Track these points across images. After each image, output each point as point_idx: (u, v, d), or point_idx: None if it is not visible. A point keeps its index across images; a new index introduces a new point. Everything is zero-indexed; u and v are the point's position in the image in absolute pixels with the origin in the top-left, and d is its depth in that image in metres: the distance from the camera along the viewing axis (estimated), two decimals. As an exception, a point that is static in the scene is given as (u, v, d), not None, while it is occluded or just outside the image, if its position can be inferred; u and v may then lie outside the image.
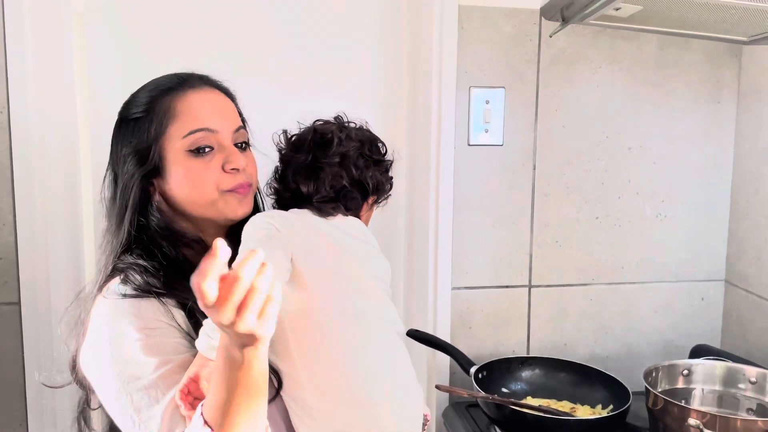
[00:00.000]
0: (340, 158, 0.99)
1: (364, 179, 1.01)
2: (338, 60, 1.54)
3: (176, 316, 0.88)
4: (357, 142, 1.02)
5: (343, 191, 1.00)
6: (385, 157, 1.06)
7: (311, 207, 0.99)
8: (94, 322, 0.89)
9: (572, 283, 1.60)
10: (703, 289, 1.65)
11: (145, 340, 0.85)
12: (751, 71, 1.55)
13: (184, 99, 0.95)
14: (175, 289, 0.90)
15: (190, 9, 1.46)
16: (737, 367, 1.33)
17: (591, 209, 1.58)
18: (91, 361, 0.89)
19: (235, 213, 0.97)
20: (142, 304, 0.88)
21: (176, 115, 0.94)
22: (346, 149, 1.00)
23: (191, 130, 0.93)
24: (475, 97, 1.49)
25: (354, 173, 1.00)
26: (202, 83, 0.99)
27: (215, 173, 0.94)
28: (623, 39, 1.53)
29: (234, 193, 0.96)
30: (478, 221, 1.54)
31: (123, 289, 0.89)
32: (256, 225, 0.91)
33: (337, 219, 1.00)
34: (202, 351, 0.81)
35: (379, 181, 1.04)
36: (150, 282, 0.90)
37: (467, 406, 1.44)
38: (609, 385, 1.39)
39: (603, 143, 1.56)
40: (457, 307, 1.55)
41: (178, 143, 0.93)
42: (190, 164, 0.94)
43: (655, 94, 1.57)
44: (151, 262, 0.92)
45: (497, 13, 1.48)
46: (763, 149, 1.50)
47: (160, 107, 0.95)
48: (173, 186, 0.95)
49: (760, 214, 1.51)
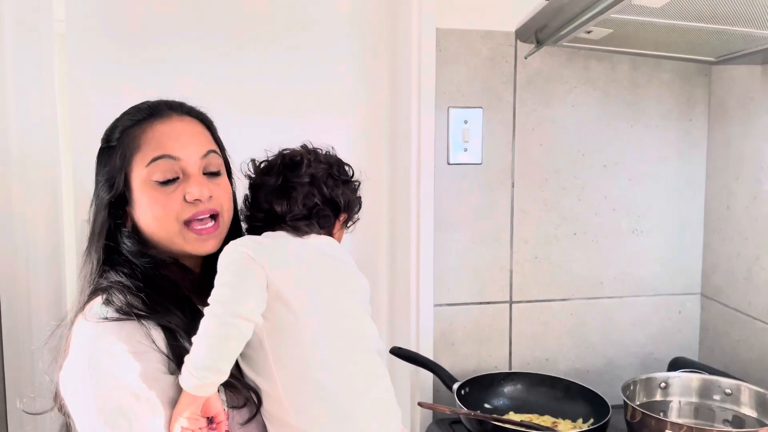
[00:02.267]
0: (310, 178, 1.02)
1: (336, 197, 1.04)
2: (318, 83, 1.57)
3: (156, 339, 0.88)
4: (325, 164, 1.05)
5: (315, 209, 1.02)
6: (353, 178, 1.10)
7: (285, 227, 1.01)
8: (75, 344, 0.89)
9: (552, 299, 1.62)
10: (680, 303, 1.68)
11: (124, 365, 0.85)
12: (719, 90, 1.60)
13: (150, 129, 0.95)
14: (156, 311, 0.91)
15: (170, 32, 1.48)
16: (713, 379, 1.36)
17: (569, 226, 1.61)
18: (69, 384, 0.88)
19: (197, 250, 0.96)
20: (124, 326, 0.88)
21: (140, 145, 0.94)
22: (315, 170, 1.03)
23: (153, 158, 0.93)
24: (453, 117, 1.52)
25: (325, 191, 1.03)
26: (172, 111, 0.98)
27: (176, 203, 0.93)
28: (597, 59, 1.58)
29: (192, 230, 0.94)
30: (459, 239, 1.56)
31: (105, 311, 0.89)
32: (229, 256, 0.91)
33: (312, 238, 1.01)
34: (189, 390, 0.82)
35: (350, 199, 1.07)
36: (132, 303, 0.90)
37: (451, 423, 1.45)
38: (589, 398, 1.42)
39: (579, 161, 1.60)
40: (439, 324, 1.56)
41: (143, 172, 0.93)
42: (152, 193, 0.93)
43: (628, 113, 1.61)
44: (134, 282, 0.93)
45: (474, 36, 1.51)
46: (734, 165, 1.55)
47: (127, 138, 0.95)
48: (139, 215, 0.95)
49: (733, 228, 1.55)
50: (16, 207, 1.35)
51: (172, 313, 0.91)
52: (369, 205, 1.61)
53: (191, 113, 1.01)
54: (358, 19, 1.59)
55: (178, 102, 1.01)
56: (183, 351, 0.88)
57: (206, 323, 0.86)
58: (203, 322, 0.86)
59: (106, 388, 0.84)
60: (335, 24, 1.58)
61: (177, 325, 0.91)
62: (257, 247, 0.92)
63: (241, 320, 0.86)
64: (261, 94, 1.54)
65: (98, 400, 0.84)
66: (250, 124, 1.46)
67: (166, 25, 1.48)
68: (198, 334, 0.86)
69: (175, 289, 0.96)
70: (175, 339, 0.89)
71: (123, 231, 0.96)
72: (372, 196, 1.62)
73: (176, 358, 0.88)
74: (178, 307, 0.93)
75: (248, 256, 0.90)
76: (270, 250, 0.94)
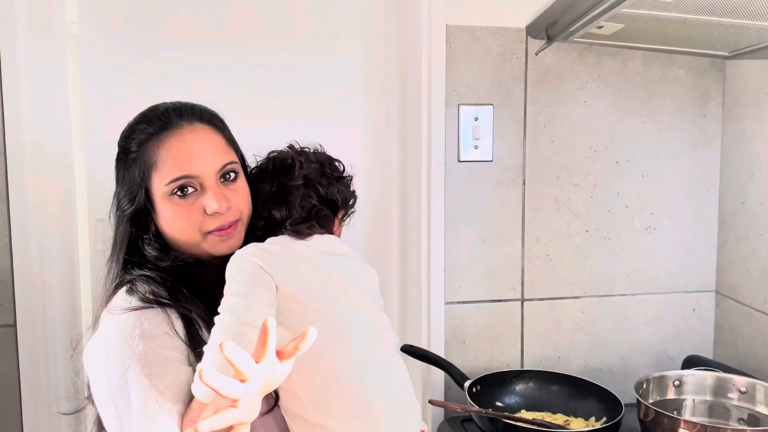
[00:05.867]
0: (304, 180, 1.03)
1: (332, 195, 1.05)
2: (328, 82, 1.57)
3: (176, 326, 0.91)
4: (317, 163, 1.05)
5: (314, 210, 1.03)
6: (344, 173, 1.10)
7: (287, 231, 1.01)
8: (100, 333, 0.92)
9: (564, 296, 1.61)
10: (694, 300, 1.66)
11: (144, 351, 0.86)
12: (734, 85, 1.58)
13: (165, 145, 0.96)
14: (179, 300, 0.93)
15: (180, 33, 1.49)
16: (727, 377, 1.34)
17: (581, 223, 1.60)
18: (92, 372, 0.90)
19: (218, 251, 0.99)
20: (146, 313, 0.90)
21: (156, 162, 0.96)
22: (307, 171, 1.03)
23: (171, 179, 0.95)
24: (464, 114, 1.52)
25: (321, 191, 1.03)
26: (182, 121, 0.98)
27: (197, 216, 0.96)
28: (608, 55, 1.56)
29: (214, 235, 0.97)
30: (470, 236, 1.55)
31: (128, 300, 0.92)
32: (237, 266, 0.92)
33: (315, 239, 1.02)
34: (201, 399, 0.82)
35: (345, 195, 1.07)
36: (155, 291, 0.93)
37: (462, 421, 1.45)
38: (602, 397, 1.40)
39: (591, 158, 1.59)
40: (450, 321, 1.56)
41: (161, 189, 0.96)
42: (174, 207, 0.97)
43: (641, 109, 1.59)
44: (158, 273, 0.96)
45: (484, 32, 1.51)
46: (749, 161, 1.53)
47: (144, 154, 0.97)
48: (162, 224, 0.99)
49: (747, 225, 1.54)
50: (31, 205, 1.36)
51: (194, 303, 0.94)
52: (379, 203, 1.62)
53: (202, 118, 1.00)
54: (369, 16, 1.59)
55: (188, 107, 1.00)
56: (202, 342, 0.90)
57: (217, 332, 0.86)
58: (214, 332, 0.86)
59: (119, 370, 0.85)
60: (345, 22, 1.58)
61: (198, 315, 0.93)
62: (264, 256, 0.93)
63: (253, 329, 0.85)
64: (271, 94, 1.54)
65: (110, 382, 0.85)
66: (259, 124, 1.46)
67: (177, 25, 1.49)
68: (209, 344, 0.86)
69: (196, 283, 0.99)
70: (195, 330, 0.91)
71: (145, 239, 0.99)
72: (382, 193, 1.63)
73: (194, 349, 0.90)
74: (199, 298, 0.96)
75: (256, 265, 0.91)
76: (277, 256, 0.95)
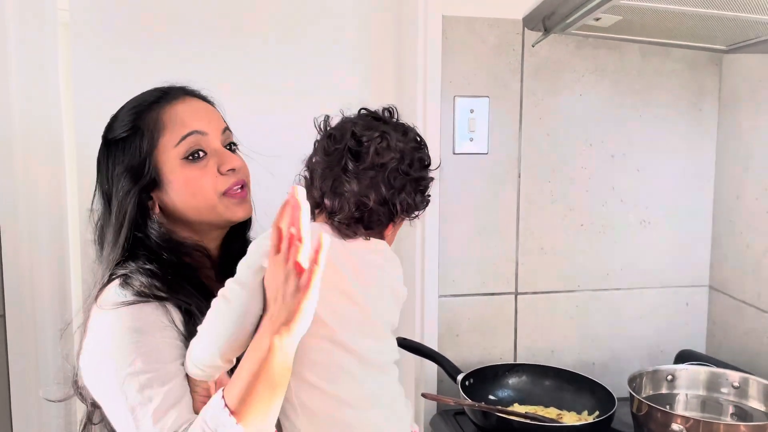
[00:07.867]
0: (374, 172, 0.88)
1: (394, 201, 0.89)
2: (323, 71, 1.56)
3: (175, 319, 0.90)
4: (397, 154, 0.89)
5: (367, 212, 0.89)
6: (428, 171, 0.94)
7: (330, 222, 0.91)
8: (94, 334, 0.90)
9: (558, 290, 1.61)
10: (687, 295, 1.66)
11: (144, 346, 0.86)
12: (731, 79, 1.58)
13: (170, 110, 0.98)
14: (177, 292, 0.92)
15: (174, 20, 1.47)
16: (720, 372, 1.34)
17: (576, 216, 1.59)
18: (93, 374, 0.89)
19: (235, 215, 0.99)
20: (143, 308, 0.89)
21: (165, 126, 0.96)
22: (382, 161, 0.88)
23: (183, 136, 0.96)
24: (459, 106, 1.51)
25: (384, 192, 0.88)
26: (184, 93, 1.01)
27: (212, 177, 0.97)
28: (606, 48, 1.55)
29: (231, 196, 0.98)
30: (464, 229, 1.54)
31: (122, 295, 0.90)
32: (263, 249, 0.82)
33: (356, 242, 0.91)
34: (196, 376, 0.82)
35: (410, 203, 0.92)
36: (152, 284, 0.92)
37: (454, 414, 1.45)
38: (595, 391, 1.40)
39: (587, 151, 1.58)
40: (444, 315, 1.55)
41: (172, 152, 0.96)
42: (187, 172, 0.96)
43: (637, 102, 1.59)
44: (155, 265, 0.94)
45: (480, 24, 1.49)
46: (744, 156, 1.52)
47: (147, 122, 0.96)
48: (173, 196, 0.97)
49: (742, 220, 1.53)
50: (20, 195, 1.35)
51: (193, 296, 0.93)
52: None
53: (200, 96, 1.04)
54: (364, 6, 1.57)
55: (182, 86, 1.03)
56: None
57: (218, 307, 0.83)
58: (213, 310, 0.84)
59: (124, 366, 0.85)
60: (341, 12, 1.56)
61: (197, 307, 0.92)
62: None
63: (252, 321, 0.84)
64: (264, 84, 1.52)
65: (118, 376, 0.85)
66: (252, 113, 1.45)
67: (170, 14, 1.47)
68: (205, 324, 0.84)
69: (196, 275, 0.98)
70: (193, 323, 0.90)
71: (152, 217, 0.97)
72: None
73: None
74: (198, 291, 0.95)
75: None
76: None
